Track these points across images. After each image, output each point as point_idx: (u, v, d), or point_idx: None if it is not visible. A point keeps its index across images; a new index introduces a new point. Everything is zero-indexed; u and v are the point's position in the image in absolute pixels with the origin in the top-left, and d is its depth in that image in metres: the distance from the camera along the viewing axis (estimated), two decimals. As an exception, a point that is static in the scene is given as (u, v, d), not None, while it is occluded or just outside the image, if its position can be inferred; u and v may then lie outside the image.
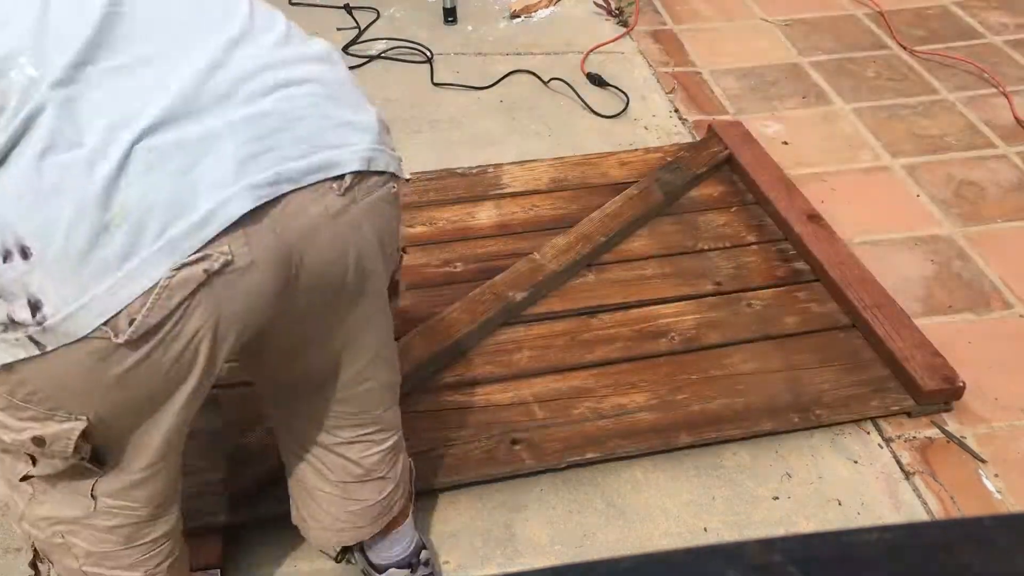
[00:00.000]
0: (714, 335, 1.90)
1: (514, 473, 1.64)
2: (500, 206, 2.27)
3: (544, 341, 1.89)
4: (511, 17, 3.25)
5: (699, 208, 2.27)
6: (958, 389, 1.76)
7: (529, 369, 1.82)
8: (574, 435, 1.69)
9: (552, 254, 2.04)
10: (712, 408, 1.74)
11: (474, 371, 1.82)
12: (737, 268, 2.08)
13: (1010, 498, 1.66)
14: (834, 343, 1.89)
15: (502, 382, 1.80)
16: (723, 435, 1.70)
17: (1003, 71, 2.91)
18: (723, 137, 2.42)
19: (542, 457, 1.65)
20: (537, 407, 1.74)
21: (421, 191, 2.32)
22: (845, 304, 1.95)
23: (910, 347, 1.81)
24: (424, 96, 2.80)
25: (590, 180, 2.36)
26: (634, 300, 1.99)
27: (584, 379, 1.80)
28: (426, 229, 2.20)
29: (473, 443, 1.67)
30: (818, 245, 2.07)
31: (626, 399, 1.76)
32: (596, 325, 1.93)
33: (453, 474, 1.62)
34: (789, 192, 2.24)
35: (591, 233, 2.10)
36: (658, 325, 1.93)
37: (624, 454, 1.67)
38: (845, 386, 1.79)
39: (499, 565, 1.51)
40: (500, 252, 2.12)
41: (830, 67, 2.97)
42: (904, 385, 1.78)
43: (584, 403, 1.75)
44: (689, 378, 1.80)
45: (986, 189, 2.43)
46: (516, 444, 1.67)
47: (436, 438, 1.68)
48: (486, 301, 1.92)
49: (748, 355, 1.86)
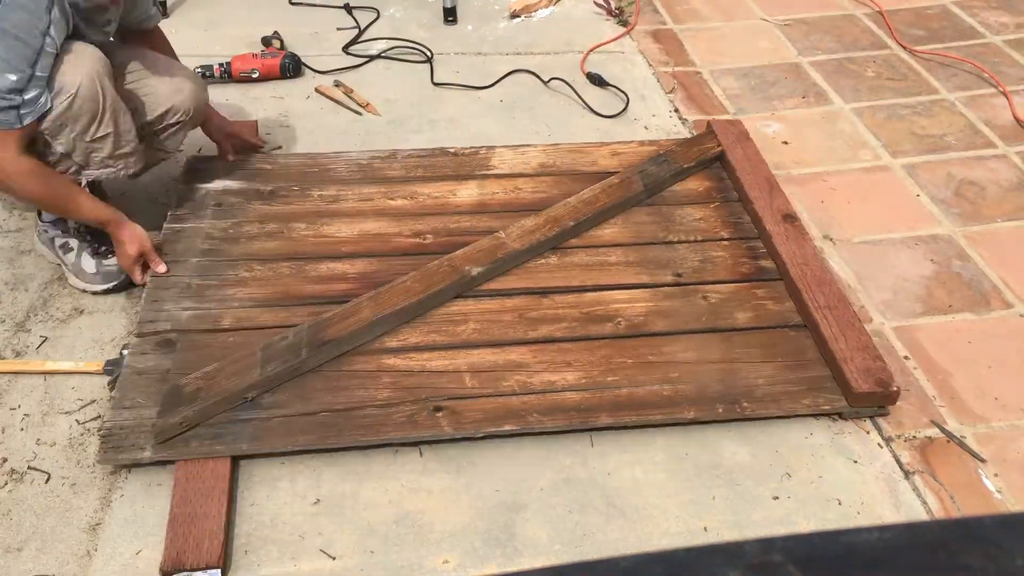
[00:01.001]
0: (661, 323, 1.91)
1: (433, 438, 1.67)
2: (483, 186, 2.30)
3: (492, 316, 1.91)
4: (511, 17, 3.25)
5: (680, 201, 2.27)
6: (892, 394, 1.75)
7: (470, 341, 1.85)
8: (497, 407, 1.71)
9: (517, 234, 2.06)
10: (639, 393, 1.75)
11: (417, 338, 1.85)
12: (703, 262, 2.08)
13: (1010, 498, 1.66)
14: (781, 341, 1.89)
15: (441, 350, 1.83)
16: (643, 419, 1.71)
17: (1003, 71, 2.91)
18: (719, 134, 2.42)
19: (460, 426, 1.68)
20: (468, 376, 1.77)
21: (410, 167, 2.34)
22: (800, 304, 1.95)
23: (852, 349, 1.80)
24: (424, 96, 2.80)
25: (578, 167, 2.38)
26: (590, 284, 2.00)
27: (522, 354, 1.82)
28: (405, 202, 2.23)
29: (398, 406, 1.70)
30: (786, 245, 2.07)
31: (557, 376, 1.78)
32: (546, 305, 1.95)
33: (371, 434, 1.66)
34: (771, 191, 2.24)
35: (560, 217, 2.12)
36: (608, 310, 1.94)
37: (541, 429, 1.69)
38: (780, 382, 1.79)
39: (499, 565, 1.51)
40: (473, 229, 2.14)
41: (830, 67, 2.97)
42: (840, 386, 1.78)
43: (515, 377, 1.77)
44: (624, 362, 1.82)
45: (986, 189, 2.43)
46: (439, 411, 1.70)
47: (364, 397, 1.72)
48: (442, 272, 1.94)
49: (690, 345, 1.86)
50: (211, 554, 1.48)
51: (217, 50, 2.93)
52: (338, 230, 2.12)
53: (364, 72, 2.90)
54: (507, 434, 1.69)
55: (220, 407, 1.67)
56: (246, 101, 2.71)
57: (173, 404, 1.65)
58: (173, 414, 1.63)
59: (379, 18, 3.21)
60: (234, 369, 1.72)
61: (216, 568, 1.47)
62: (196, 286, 1.94)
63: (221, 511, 1.54)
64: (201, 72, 2.75)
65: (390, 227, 2.14)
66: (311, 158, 2.38)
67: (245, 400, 1.69)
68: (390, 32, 3.12)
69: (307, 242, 2.09)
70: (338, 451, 1.67)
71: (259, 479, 1.64)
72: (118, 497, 1.60)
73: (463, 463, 1.68)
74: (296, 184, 2.27)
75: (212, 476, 1.59)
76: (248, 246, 2.06)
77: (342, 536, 1.55)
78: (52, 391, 1.79)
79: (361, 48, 3.03)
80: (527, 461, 1.68)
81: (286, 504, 1.60)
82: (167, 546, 1.49)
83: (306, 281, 1.98)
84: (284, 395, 1.72)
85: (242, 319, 1.87)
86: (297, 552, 1.52)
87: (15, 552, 1.51)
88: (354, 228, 2.13)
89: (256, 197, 2.22)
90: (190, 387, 1.68)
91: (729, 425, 1.75)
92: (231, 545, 1.53)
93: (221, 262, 2.01)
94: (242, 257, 2.03)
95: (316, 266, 2.02)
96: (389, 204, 2.22)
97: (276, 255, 2.04)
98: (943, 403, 1.83)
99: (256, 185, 2.26)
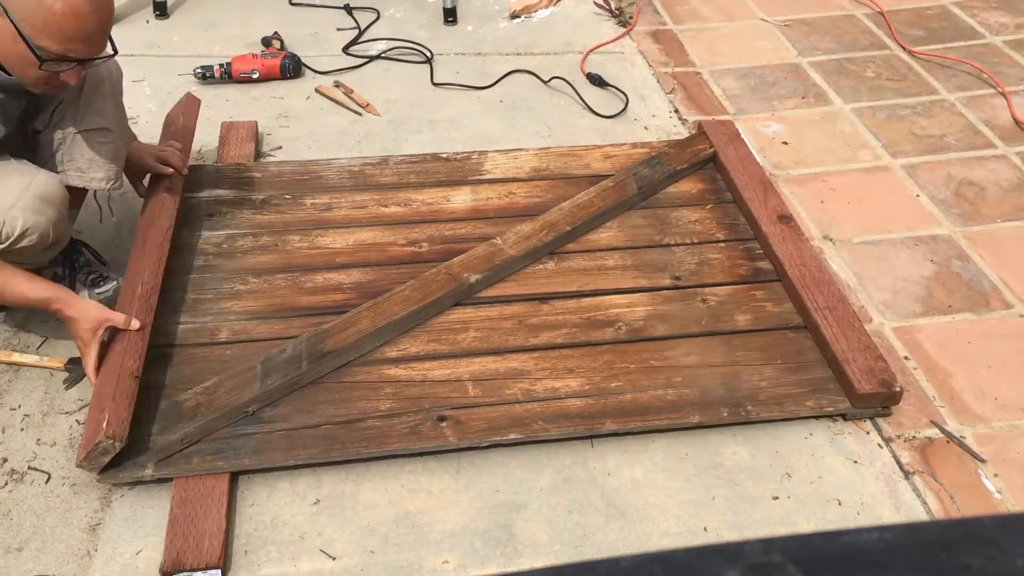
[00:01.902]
0: (661, 327, 1.91)
1: (437, 449, 1.66)
2: (477, 191, 2.29)
3: (492, 323, 1.91)
4: (511, 17, 3.25)
5: (674, 204, 2.27)
6: (895, 394, 1.75)
7: (471, 349, 1.84)
8: (501, 416, 1.71)
9: (514, 240, 2.05)
10: (643, 398, 1.75)
11: (417, 347, 1.85)
12: (700, 264, 2.08)
13: (1010, 498, 1.66)
14: (782, 342, 1.89)
15: (442, 359, 1.82)
16: (648, 425, 1.71)
17: (1003, 71, 2.91)
18: (711, 135, 2.42)
19: (465, 435, 1.67)
20: (471, 385, 1.76)
21: (403, 173, 2.34)
22: (799, 305, 1.95)
23: (853, 350, 1.80)
24: (424, 96, 2.80)
25: (571, 171, 2.37)
26: (589, 289, 2.00)
27: (523, 362, 1.82)
28: (400, 209, 2.22)
29: (401, 417, 1.70)
30: (783, 246, 2.07)
31: (560, 383, 1.77)
32: (546, 311, 1.94)
33: (374, 446, 1.65)
34: (765, 192, 2.23)
35: (556, 222, 2.11)
36: (608, 315, 1.94)
37: (546, 437, 1.68)
38: (783, 385, 1.79)
39: (499, 565, 1.51)
40: (468, 235, 2.13)
41: (830, 67, 2.97)
42: (843, 387, 1.78)
43: (518, 385, 1.77)
44: (627, 367, 1.81)
45: (986, 189, 2.43)
46: (443, 421, 1.69)
47: (367, 408, 1.71)
48: (440, 281, 1.94)
49: (692, 349, 1.86)
50: (211, 554, 1.48)
51: (217, 50, 2.93)
52: (333, 240, 2.11)
53: (364, 73, 2.90)
54: (512, 443, 1.68)
55: (221, 422, 1.65)
56: (246, 101, 2.71)
57: (173, 420, 1.64)
58: (173, 431, 1.62)
59: (379, 19, 3.21)
60: (234, 383, 1.70)
61: (216, 568, 1.47)
62: (191, 300, 1.93)
63: (221, 511, 1.54)
64: (201, 72, 2.75)
65: (385, 236, 2.13)
66: (302, 165, 2.36)
67: (246, 414, 1.68)
68: (390, 32, 3.12)
69: (301, 253, 2.07)
70: (338, 451, 1.67)
71: (259, 479, 1.64)
72: (118, 497, 1.60)
73: (463, 463, 1.68)
74: (288, 192, 2.25)
75: (212, 477, 1.59)
76: (243, 259, 2.04)
77: (342, 536, 1.55)
78: (52, 391, 1.79)
79: (361, 48, 3.03)
80: (527, 461, 1.68)
81: (286, 504, 1.60)
82: (167, 546, 1.49)
83: (302, 292, 1.96)
84: (285, 408, 1.71)
85: (239, 332, 1.86)
86: (297, 552, 1.52)
87: (15, 552, 1.51)
88: (349, 238, 2.12)
89: (248, 206, 2.20)
90: (190, 403, 1.67)
91: (729, 425, 1.75)
92: (231, 545, 1.53)
93: (215, 276, 1.99)
94: (237, 270, 2.01)
95: (312, 277, 2.00)
96: (383, 211, 2.21)
97: (271, 267, 2.02)
98: (943, 403, 1.83)
99: (247, 194, 2.24)
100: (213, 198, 2.22)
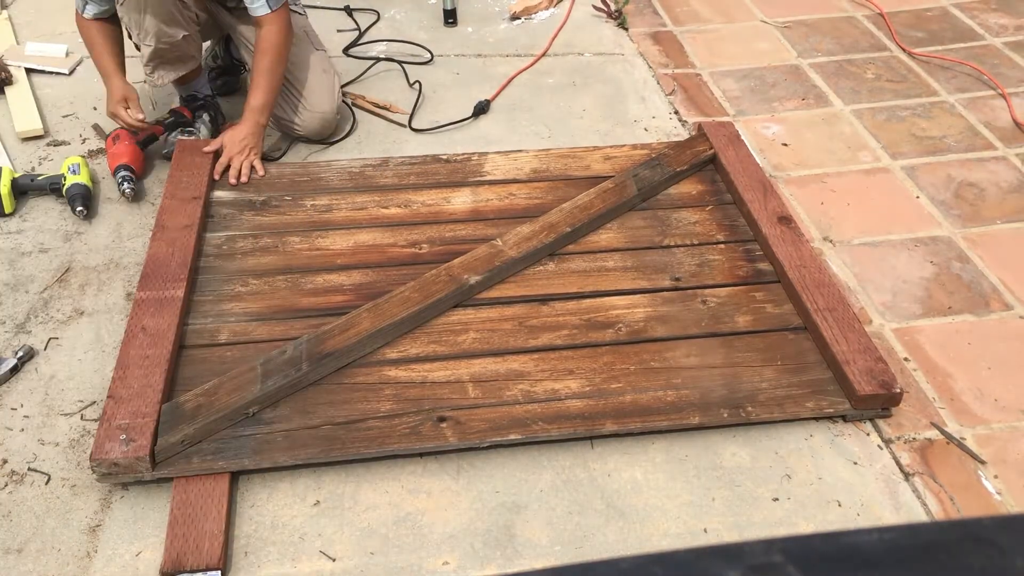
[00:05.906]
0: (661, 329, 1.91)
1: (437, 449, 1.67)
2: (477, 193, 2.29)
3: (492, 324, 1.91)
4: (511, 19, 3.25)
5: (675, 205, 2.27)
6: (895, 396, 1.75)
7: (472, 350, 1.85)
8: (501, 416, 1.71)
9: (514, 241, 2.06)
10: (643, 399, 1.75)
11: (418, 349, 1.85)
12: (700, 265, 2.08)
13: (1010, 499, 1.66)
14: (782, 344, 1.89)
15: (442, 360, 1.82)
16: (649, 426, 1.71)
17: (1002, 73, 2.91)
18: (711, 137, 2.42)
19: (465, 436, 1.67)
20: (471, 387, 1.77)
21: (402, 174, 2.34)
22: (799, 306, 1.95)
23: (853, 351, 1.80)
24: (424, 96, 2.80)
25: (571, 172, 2.37)
26: (589, 291, 2.00)
27: (523, 363, 1.82)
28: (400, 211, 2.22)
29: (401, 417, 1.70)
30: (783, 247, 2.07)
31: (560, 385, 1.77)
32: (546, 312, 1.94)
33: (374, 446, 1.65)
34: (765, 194, 2.23)
35: (556, 223, 2.12)
36: (608, 316, 1.94)
37: (546, 438, 1.69)
38: (783, 386, 1.79)
39: (499, 566, 1.51)
40: (468, 237, 2.13)
41: (830, 69, 2.98)
42: (843, 389, 1.78)
43: (518, 386, 1.77)
44: (627, 368, 1.81)
45: (986, 190, 2.43)
46: (443, 421, 1.69)
47: (367, 409, 1.71)
48: (440, 282, 1.94)
49: (691, 350, 1.86)
50: (211, 555, 1.48)
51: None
52: (333, 242, 2.11)
53: (364, 74, 2.90)
54: (512, 443, 1.69)
55: (221, 424, 1.66)
56: (246, 102, 2.71)
57: (173, 421, 1.64)
58: (174, 432, 1.62)
59: (379, 20, 3.21)
60: (234, 384, 1.70)
61: (216, 569, 1.47)
62: (192, 301, 1.93)
63: (221, 512, 1.54)
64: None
65: (385, 237, 2.13)
66: (302, 167, 2.36)
67: (246, 415, 1.68)
68: (390, 34, 3.12)
69: (302, 255, 2.07)
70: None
71: (259, 480, 1.64)
72: (118, 498, 1.60)
73: (463, 464, 1.68)
74: (288, 194, 2.25)
75: (212, 478, 1.59)
76: (243, 261, 2.04)
77: (342, 537, 1.55)
78: (53, 392, 1.79)
79: (361, 50, 3.04)
80: (527, 462, 1.68)
81: (286, 505, 1.60)
82: (167, 547, 1.49)
83: (302, 294, 1.96)
84: (285, 409, 1.71)
85: (239, 333, 1.86)
86: (297, 553, 1.52)
87: (15, 553, 1.51)
88: (349, 239, 2.12)
89: (248, 208, 2.20)
90: (190, 404, 1.67)
91: (729, 427, 1.75)
92: (231, 546, 1.53)
93: (216, 277, 2.00)
94: (237, 272, 2.01)
95: (312, 278, 2.00)
96: (383, 213, 2.21)
97: (271, 268, 2.03)
98: (943, 404, 1.83)
99: (247, 195, 2.24)
100: (213, 199, 2.22)
